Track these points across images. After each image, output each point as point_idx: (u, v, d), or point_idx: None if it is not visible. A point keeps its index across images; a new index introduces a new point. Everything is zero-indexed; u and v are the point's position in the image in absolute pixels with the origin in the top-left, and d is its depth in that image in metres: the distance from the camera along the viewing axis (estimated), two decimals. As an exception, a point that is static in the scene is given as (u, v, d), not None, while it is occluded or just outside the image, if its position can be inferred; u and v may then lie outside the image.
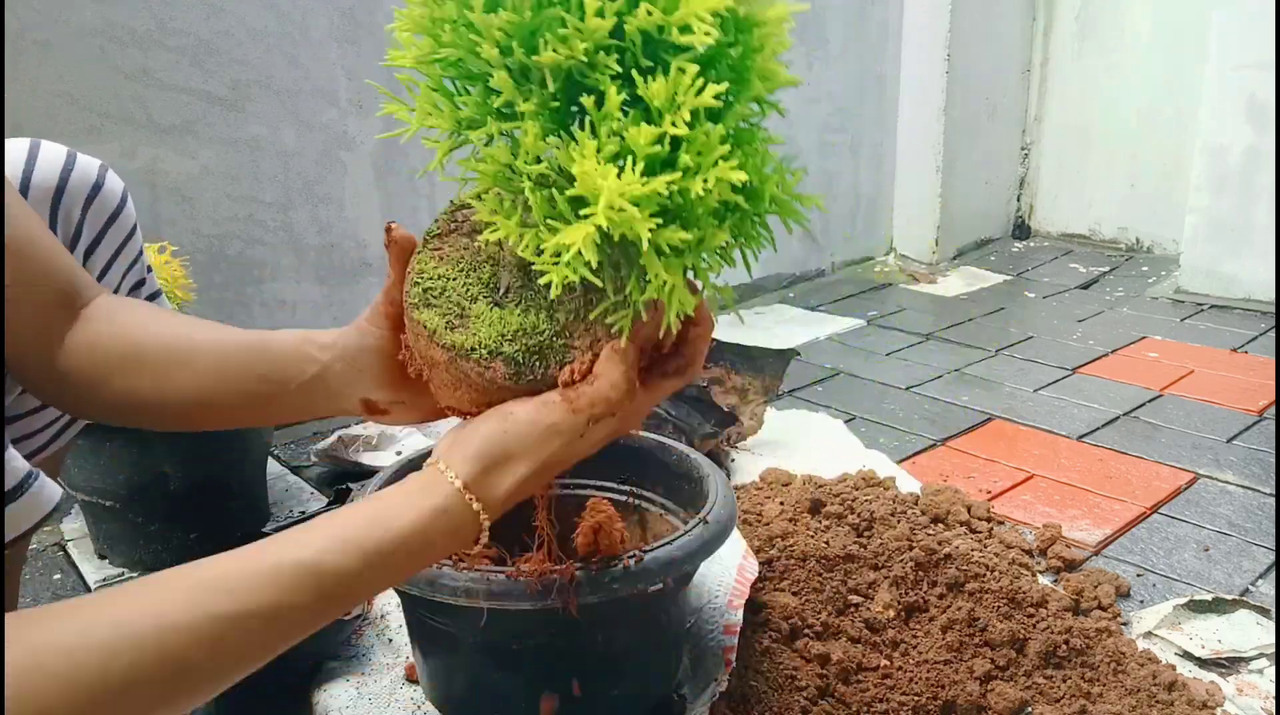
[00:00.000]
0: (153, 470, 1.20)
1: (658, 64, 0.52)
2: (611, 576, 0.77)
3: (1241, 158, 2.24)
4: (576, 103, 0.53)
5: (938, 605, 1.11)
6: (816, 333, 2.24)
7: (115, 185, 0.85)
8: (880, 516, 1.26)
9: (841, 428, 1.67)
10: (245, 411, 0.76)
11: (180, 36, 1.52)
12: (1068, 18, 2.88)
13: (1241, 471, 1.48)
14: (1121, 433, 1.64)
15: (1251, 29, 2.17)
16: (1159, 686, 0.96)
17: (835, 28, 2.55)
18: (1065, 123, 2.96)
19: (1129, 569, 1.23)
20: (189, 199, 1.58)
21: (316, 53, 1.66)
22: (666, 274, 0.53)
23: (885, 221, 2.89)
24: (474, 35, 0.53)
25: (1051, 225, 3.07)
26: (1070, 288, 2.57)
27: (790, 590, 1.09)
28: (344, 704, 0.95)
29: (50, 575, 1.27)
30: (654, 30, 0.50)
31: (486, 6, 0.52)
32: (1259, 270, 2.27)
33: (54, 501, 0.73)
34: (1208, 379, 1.87)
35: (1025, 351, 2.07)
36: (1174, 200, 2.69)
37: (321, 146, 1.70)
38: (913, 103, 2.75)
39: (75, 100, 1.45)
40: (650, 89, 0.50)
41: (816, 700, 0.94)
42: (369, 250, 1.80)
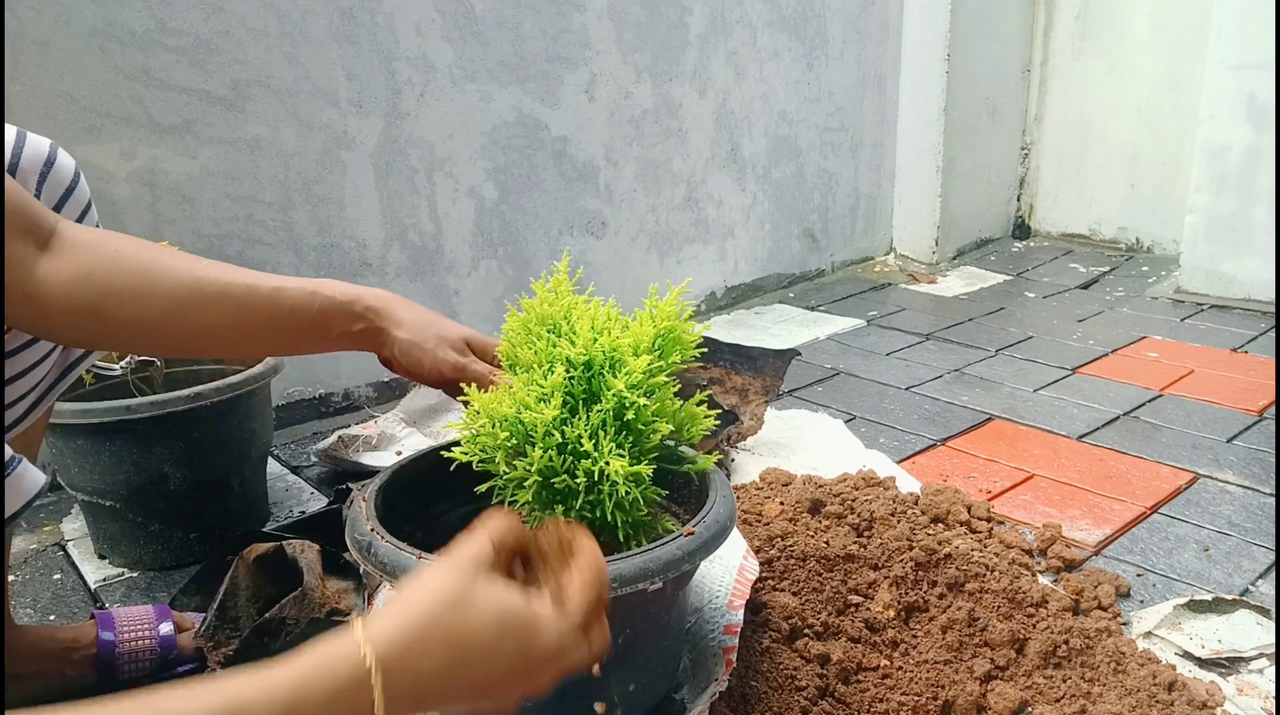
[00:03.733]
0: (153, 470, 1.20)
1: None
2: (610, 577, 0.77)
3: (1241, 158, 2.24)
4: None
5: (938, 605, 1.11)
6: (816, 333, 2.24)
7: (67, 162, 0.87)
8: (880, 516, 1.26)
9: (841, 428, 1.67)
10: (260, 350, 0.86)
11: (180, 36, 1.52)
12: (1068, 18, 2.88)
13: (1241, 471, 1.48)
14: (1121, 433, 1.64)
15: (1251, 29, 2.17)
16: (1159, 686, 0.96)
17: (835, 28, 2.55)
18: (1065, 123, 2.96)
19: (1129, 569, 1.23)
20: (189, 199, 1.58)
21: (316, 53, 1.66)
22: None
23: (885, 221, 2.89)
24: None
25: (1051, 225, 3.07)
26: (1070, 288, 2.57)
27: (790, 590, 1.09)
28: (344, 704, 0.95)
29: (50, 575, 1.27)
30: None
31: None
32: (1259, 270, 2.27)
33: (37, 486, 0.73)
34: (1208, 379, 1.87)
35: (1025, 351, 2.07)
36: (1174, 200, 2.69)
37: (321, 146, 1.70)
38: (913, 103, 2.75)
39: (75, 100, 1.45)
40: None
41: (816, 700, 0.94)
42: (369, 250, 1.80)
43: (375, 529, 0.84)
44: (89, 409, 1.15)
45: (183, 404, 1.18)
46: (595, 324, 0.86)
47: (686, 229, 2.35)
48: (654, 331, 0.86)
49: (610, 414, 0.81)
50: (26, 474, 0.73)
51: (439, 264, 1.91)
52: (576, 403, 0.82)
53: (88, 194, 0.89)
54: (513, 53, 1.92)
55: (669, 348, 0.87)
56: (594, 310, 0.88)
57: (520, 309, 0.89)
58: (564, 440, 0.80)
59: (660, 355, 0.86)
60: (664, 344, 0.87)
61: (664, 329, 0.87)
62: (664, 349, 0.87)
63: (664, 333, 0.87)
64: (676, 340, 0.87)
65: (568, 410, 0.82)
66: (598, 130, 2.11)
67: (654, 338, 0.86)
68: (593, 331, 0.85)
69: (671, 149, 2.27)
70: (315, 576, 1.00)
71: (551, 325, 0.87)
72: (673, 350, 0.87)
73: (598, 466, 0.79)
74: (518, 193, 2.00)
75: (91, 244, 0.76)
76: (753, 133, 2.44)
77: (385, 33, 1.74)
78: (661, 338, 0.87)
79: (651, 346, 0.85)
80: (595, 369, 0.83)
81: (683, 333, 0.88)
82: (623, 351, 0.83)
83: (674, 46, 2.21)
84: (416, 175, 1.84)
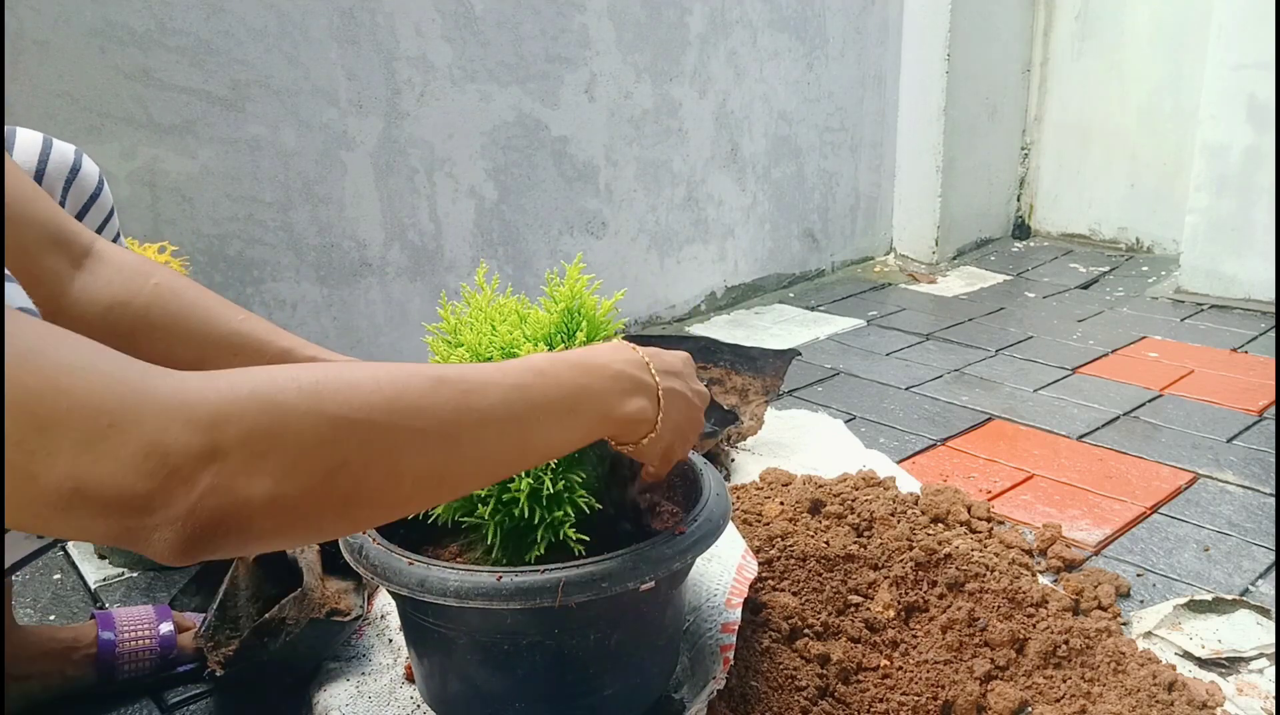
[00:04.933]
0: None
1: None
2: (600, 575, 0.77)
3: (1241, 158, 2.24)
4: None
5: (938, 605, 1.11)
6: (816, 333, 2.24)
7: (92, 168, 0.88)
8: (880, 516, 1.26)
9: (841, 428, 1.67)
10: None
11: (180, 36, 1.52)
12: (1068, 18, 2.88)
13: (1241, 471, 1.48)
14: (1121, 433, 1.64)
15: (1251, 29, 2.17)
16: (1159, 686, 0.96)
17: (835, 28, 2.55)
18: (1065, 123, 2.96)
19: (1129, 569, 1.23)
20: (189, 199, 1.58)
21: (316, 53, 1.66)
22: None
23: (885, 221, 2.89)
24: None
25: (1051, 225, 3.07)
26: (1070, 288, 2.57)
27: (790, 590, 1.09)
28: (344, 704, 0.95)
29: (50, 575, 1.27)
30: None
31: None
32: (1259, 270, 2.27)
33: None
34: (1208, 379, 1.87)
35: (1025, 351, 2.07)
36: (1174, 200, 2.69)
37: (321, 146, 1.70)
38: (913, 103, 2.75)
39: (75, 100, 1.45)
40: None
41: (816, 700, 0.94)
42: (368, 250, 1.80)
43: (368, 531, 0.84)
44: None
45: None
46: (495, 323, 0.84)
47: (686, 229, 2.35)
48: (554, 318, 0.84)
49: None
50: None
51: (439, 264, 1.91)
52: None
53: (110, 201, 0.89)
54: (513, 53, 1.92)
55: (587, 330, 0.84)
56: (500, 307, 0.86)
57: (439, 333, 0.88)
58: None
59: (568, 339, 0.84)
60: (574, 325, 0.85)
61: (566, 309, 0.85)
62: (574, 331, 0.84)
63: (569, 313, 0.85)
64: (588, 318, 0.85)
65: None
66: (598, 130, 2.11)
67: (558, 323, 0.84)
68: (490, 330, 0.83)
69: (671, 149, 2.27)
70: (315, 577, 1.00)
71: (455, 336, 0.86)
72: (588, 330, 0.84)
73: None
74: (518, 193, 2.00)
75: (132, 271, 0.76)
76: (753, 133, 2.44)
77: (385, 33, 1.74)
78: (568, 320, 0.85)
79: (555, 332, 0.83)
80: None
81: (590, 309, 0.86)
82: (517, 343, 0.82)
83: (674, 46, 2.20)
84: (416, 175, 1.84)
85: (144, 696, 1.01)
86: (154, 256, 1.29)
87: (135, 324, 0.75)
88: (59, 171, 0.84)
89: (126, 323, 0.74)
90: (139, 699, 1.01)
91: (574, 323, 0.85)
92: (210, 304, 0.79)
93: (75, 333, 0.47)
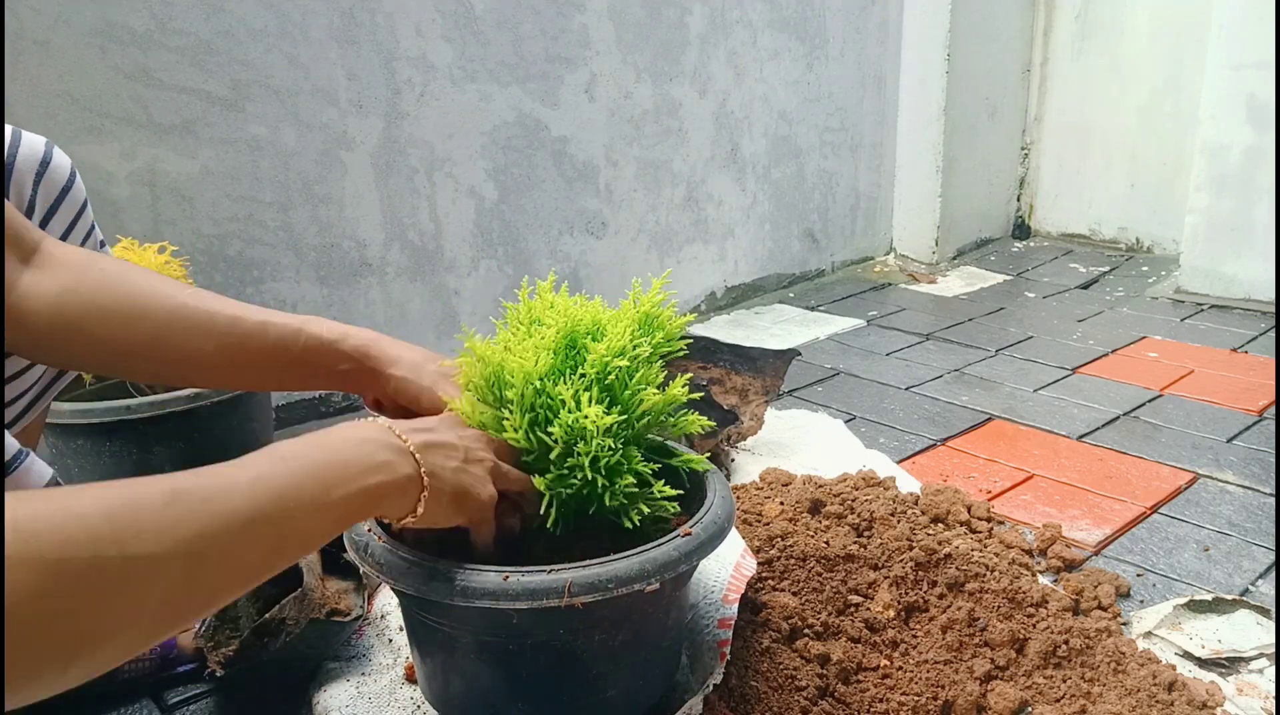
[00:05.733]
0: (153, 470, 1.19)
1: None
2: (607, 577, 0.77)
3: (1241, 158, 2.24)
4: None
5: (938, 605, 1.11)
6: (816, 333, 2.24)
7: (63, 161, 0.87)
8: (880, 516, 1.26)
9: (841, 428, 1.67)
10: (248, 383, 0.87)
11: (180, 36, 1.52)
12: (1068, 18, 2.88)
13: (1241, 471, 1.48)
14: (1121, 433, 1.64)
15: (1251, 29, 2.17)
16: (1159, 686, 0.96)
17: (835, 28, 2.55)
18: (1065, 123, 2.96)
19: (1129, 569, 1.23)
20: (189, 199, 1.58)
21: (316, 53, 1.66)
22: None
23: (885, 221, 2.89)
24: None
25: (1051, 225, 3.07)
26: (1070, 288, 2.57)
27: (790, 590, 1.09)
28: (344, 704, 0.95)
29: (50, 575, 1.27)
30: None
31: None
32: (1259, 270, 2.27)
33: (44, 479, 0.73)
34: (1208, 379, 1.87)
35: (1025, 351, 2.07)
36: (1174, 200, 2.69)
37: (321, 146, 1.70)
38: (913, 103, 2.75)
39: (75, 100, 1.45)
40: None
41: (816, 700, 0.94)
42: (369, 250, 1.80)
43: (372, 529, 0.84)
44: (89, 409, 1.15)
45: (183, 404, 1.18)
46: (575, 308, 0.88)
47: (686, 229, 2.35)
48: (636, 312, 0.88)
49: (594, 381, 0.82)
50: (34, 467, 0.74)
51: (439, 264, 1.91)
52: (563, 372, 0.83)
53: (84, 193, 0.89)
54: (513, 53, 1.92)
55: (652, 329, 0.88)
56: (574, 301, 0.90)
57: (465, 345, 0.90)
58: (547, 396, 0.81)
59: (648, 332, 0.88)
60: (648, 325, 0.89)
61: (646, 314, 0.89)
62: (648, 329, 0.88)
63: (646, 316, 0.89)
64: (660, 324, 0.89)
65: (555, 374, 0.83)
66: (598, 130, 2.11)
67: (640, 319, 0.88)
68: (574, 310, 0.87)
69: (671, 149, 2.27)
70: (315, 576, 1.00)
71: (535, 317, 0.89)
72: (657, 330, 0.88)
73: (574, 419, 0.79)
74: (518, 193, 2.00)
75: (78, 263, 0.76)
76: (753, 133, 2.44)
77: (385, 33, 1.74)
78: (645, 320, 0.89)
79: (639, 325, 0.87)
80: (579, 343, 0.84)
81: (665, 319, 0.89)
82: (604, 323, 0.85)
83: (674, 46, 2.20)
84: (416, 175, 1.84)
85: (144, 696, 1.01)
86: (154, 257, 1.29)
87: (84, 310, 0.75)
88: (29, 164, 0.83)
89: (75, 310, 0.74)
90: (139, 699, 1.01)
91: (651, 326, 0.88)
92: (155, 284, 0.79)
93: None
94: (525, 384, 0.81)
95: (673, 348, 0.89)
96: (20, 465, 0.72)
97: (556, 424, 0.80)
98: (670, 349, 0.89)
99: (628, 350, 0.83)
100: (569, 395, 0.80)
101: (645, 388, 0.83)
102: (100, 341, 0.76)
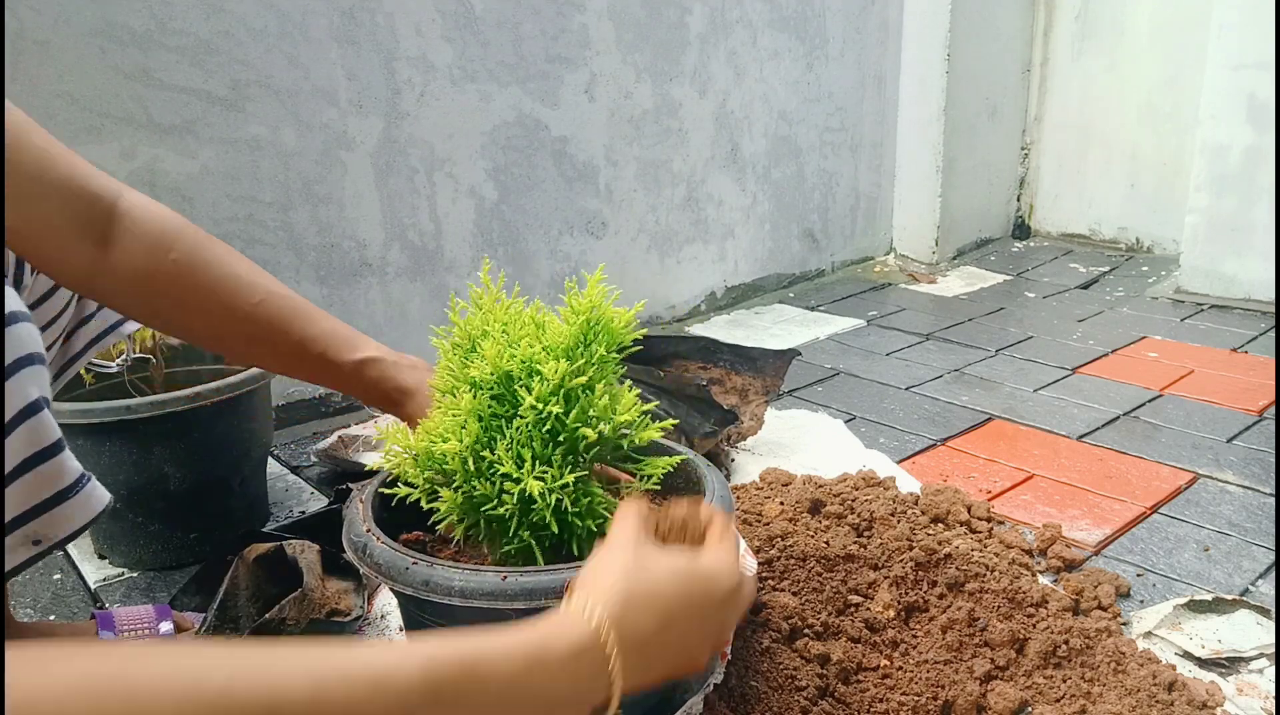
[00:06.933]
0: (153, 470, 1.20)
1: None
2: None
3: (1241, 158, 2.24)
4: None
5: (938, 605, 1.11)
6: (816, 333, 2.24)
7: None
8: (880, 516, 1.26)
9: (841, 428, 1.67)
10: (277, 370, 0.95)
11: (180, 36, 1.52)
12: (1068, 18, 2.88)
13: (1241, 471, 1.48)
14: (1121, 433, 1.64)
15: (1251, 29, 2.17)
16: (1159, 686, 0.96)
17: (835, 27, 2.55)
18: (1065, 123, 2.96)
19: (1129, 569, 1.23)
20: (189, 199, 1.58)
21: (316, 53, 1.66)
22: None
23: (885, 221, 2.89)
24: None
25: (1051, 225, 3.07)
26: (1070, 288, 2.57)
27: (790, 590, 1.09)
28: (344, 704, 0.95)
29: (50, 575, 1.27)
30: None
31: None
32: (1259, 270, 2.27)
33: (104, 503, 0.74)
34: (1208, 379, 1.87)
35: (1025, 351, 2.07)
36: (1174, 200, 2.69)
37: (321, 146, 1.70)
38: (913, 103, 2.75)
39: (75, 100, 1.45)
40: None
41: (816, 700, 0.94)
42: (369, 250, 1.80)
43: (371, 530, 0.84)
44: (89, 409, 1.15)
45: (183, 404, 1.18)
46: (511, 333, 0.83)
47: (686, 229, 2.35)
48: (573, 329, 0.82)
49: (532, 427, 0.79)
50: (95, 492, 0.73)
51: (439, 264, 1.91)
52: (501, 422, 0.80)
53: None
54: (513, 53, 1.92)
55: (599, 338, 0.82)
56: (515, 315, 0.85)
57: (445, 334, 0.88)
58: (485, 466, 0.78)
59: (585, 350, 0.81)
60: (591, 336, 0.82)
61: (585, 321, 0.82)
62: (591, 342, 0.82)
63: (588, 325, 0.82)
64: (605, 329, 0.83)
65: (489, 432, 0.80)
66: (598, 130, 2.11)
67: (576, 335, 0.82)
68: (507, 341, 0.82)
69: (671, 149, 2.27)
70: (315, 577, 1.00)
71: (470, 343, 0.85)
72: (605, 341, 0.82)
73: (520, 489, 0.77)
74: (518, 193, 2.00)
75: (153, 242, 0.79)
76: (753, 133, 2.44)
77: (385, 33, 1.74)
78: (587, 331, 0.82)
79: (574, 345, 0.82)
80: (515, 382, 0.80)
81: (609, 320, 0.83)
82: (538, 359, 0.80)
83: (674, 46, 2.21)
84: (416, 175, 1.84)
85: (144, 696, 1.01)
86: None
87: (156, 301, 0.81)
88: None
89: (148, 297, 0.80)
90: (139, 699, 1.01)
91: (592, 334, 0.83)
92: (227, 286, 0.82)
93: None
94: (460, 465, 0.78)
95: (625, 344, 0.84)
96: (84, 488, 0.72)
97: (504, 498, 0.78)
98: (625, 348, 0.84)
99: (566, 383, 0.79)
100: (508, 462, 0.77)
101: (583, 425, 0.78)
102: (172, 326, 0.85)
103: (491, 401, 0.80)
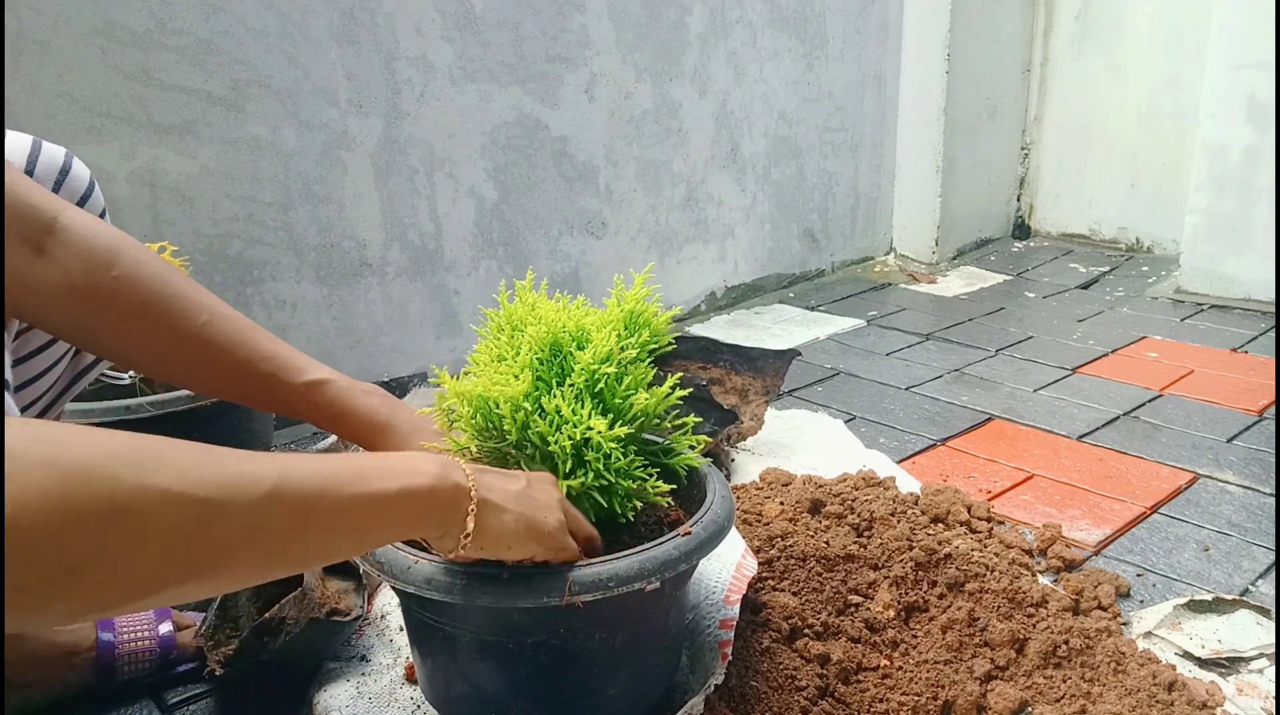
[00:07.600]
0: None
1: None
2: (608, 576, 0.77)
3: (1241, 158, 2.24)
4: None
5: (938, 605, 1.11)
6: (816, 333, 2.24)
7: (82, 171, 0.88)
8: (880, 516, 1.26)
9: (841, 428, 1.67)
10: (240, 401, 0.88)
11: (180, 36, 1.52)
12: (1068, 18, 2.88)
13: (1241, 471, 1.48)
14: (1121, 433, 1.64)
15: (1251, 29, 2.17)
16: (1159, 686, 0.96)
17: (835, 28, 2.55)
18: (1065, 123, 2.96)
19: (1129, 569, 1.23)
20: (189, 199, 1.58)
21: (316, 53, 1.66)
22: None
23: (885, 221, 2.89)
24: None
25: (1051, 225, 3.07)
26: (1070, 288, 2.57)
27: (790, 590, 1.09)
28: (344, 704, 0.95)
29: (50, 575, 1.27)
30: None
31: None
32: (1259, 270, 2.27)
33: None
34: (1208, 379, 1.87)
35: (1025, 351, 2.07)
36: (1174, 200, 2.69)
37: (321, 146, 1.70)
38: (913, 103, 2.75)
39: (75, 100, 1.45)
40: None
41: (816, 700, 0.94)
42: (369, 250, 1.80)
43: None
44: (89, 409, 1.15)
45: (183, 404, 1.18)
46: (557, 312, 0.88)
47: (686, 229, 2.35)
48: (620, 312, 0.88)
49: (583, 389, 0.82)
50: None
51: (439, 264, 1.91)
52: (549, 383, 0.83)
53: (102, 203, 0.89)
54: (513, 53, 1.92)
55: (637, 327, 0.88)
56: (557, 304, 0.90)
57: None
58: (541, 410, 0.82)
59: (630, 333, 0.87)
60: (633, 324, 0.88)
61: (630, 311, 0.88)
62: (633, 328, 0.88)
63: (631, 314, 0.88)
64: (645, 322, 0.89)
65: (541, 386, 0.83)
66: (598, 130, 2.11)
67: (623, 319, 0.87)
68: (556, 315, 0.87)
69: (671, 149, 2.27)
70: (315, 576, 1.00)
71: (513, 326, 0.88)
72: (643, 328, 0.88)
73: (581, 431, 0.79)
74: (518, 193, 2.00)
75: (92, 259, 0.75)
76: (753, 133, 2.44)
77: (385, 33, 1.74)
78: (630, 319, 0.88)
79: (623, 325, 0.87)
80: (564, 350, 0.84)
81: (650, 316, 0.89)
82: (588, 328, 0.85)
83: (674, 46, 2.20)
84: (416, 175, 1.84)
85: (144, 697, 1.01)
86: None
87: (92, 321, 0.76)
88: (48, 173, 0.83)
89: (84, 316, 0.75)
90: (139, 699, 1.01)
91: (634, 326, 0.88)
92: (172, 305, 0.78)
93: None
94: (513, 411, 0.80)
95: (660, 345, 0.88)
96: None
97: (555, 440, 0.80)
98: (659, 346, 0.88)
99: (614, 355, 0.82)
100: (565, 407, 0.80)
101: (635, 392, 0.83)
102: (106, 349, 0.79)
103: (539, 365, 0.84)
